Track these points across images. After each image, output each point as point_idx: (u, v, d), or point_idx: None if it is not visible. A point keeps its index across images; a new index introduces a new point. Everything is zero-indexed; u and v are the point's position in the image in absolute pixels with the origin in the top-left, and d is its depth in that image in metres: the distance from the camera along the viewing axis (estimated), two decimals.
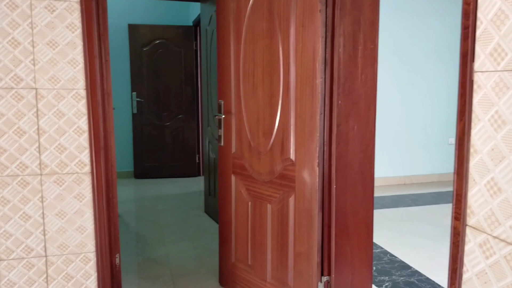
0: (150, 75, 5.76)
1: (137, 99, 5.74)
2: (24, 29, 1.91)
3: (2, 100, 1.92)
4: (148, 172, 5.94)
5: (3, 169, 1.96)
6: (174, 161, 5.99)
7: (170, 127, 5.92)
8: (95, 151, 2.08)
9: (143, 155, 5.89)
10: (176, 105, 5.89)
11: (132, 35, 5.61)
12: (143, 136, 5.85)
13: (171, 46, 5.73)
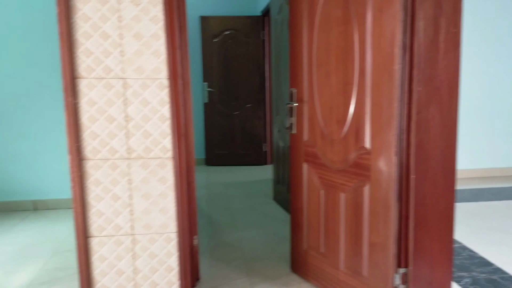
0: (220, 66, 5.91)
1: (208, 89, 5.93)
2: (113, 23, 2.05)
3: (95, 89, 2.09)
4: (218, 160, 6.13)
5: (96, 152, 2.14)
6: (242, 150, 6.12)
7: (239, 116, 6.05)
8: (177, 137, 2.19)
9: (213, 143, 6.09)
10: (244, 95, 6.00)
11: (204, 26, 5.78)
12: (214, 125, 6.04)
13: (240, 37, 5.82)
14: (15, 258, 2.97)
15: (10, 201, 4.00)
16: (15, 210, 4.01)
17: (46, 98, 3.90)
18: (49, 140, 3.97)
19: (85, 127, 2.11)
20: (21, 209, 4.01)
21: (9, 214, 3.93)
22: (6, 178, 3.96)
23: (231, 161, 6.14)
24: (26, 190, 4.02)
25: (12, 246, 3.19)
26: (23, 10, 3.79)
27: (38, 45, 3.84)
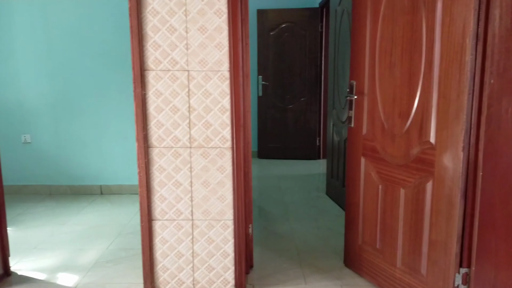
0: (275, 59, 5.92)
1: (262, 82, 5.98)
2: (179, 16, 2.14)
3: (161, 81, 2.19)
4: (271, 153, 6.18)
5: (160, 141, 2.24)
6: (295, 143, 6.12)
7: (293, 110, 6.05)
8: (236, 128, 2.25)
9: (266, 136, 6.14)
10: (299, 88, 5.98)
11: (260, 19, 5.82)
12: (267, 118, 6.09)
13: (296, 29, 5.80)
14: (84, 237, 3.19)
15: (81, 185, 4.29)
16: (84, 194, 4.29)
17: (115, 89, 4.12)
18: (116, 129, 4.20)
19: (151, 116, 2.22)
20: (89, 192, 4.29)
21: (79, 197, 4.21)
22: (78, 164, 4.25)
23: (283, 154, 6.16)
24: (94, 175, 4.28)
25: (81, 226, 3.43)
26: (94, 5, 4.02)
27: (108, 39, 4.06)
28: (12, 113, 4.14)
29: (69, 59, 4.09)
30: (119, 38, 4.03)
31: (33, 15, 4.02)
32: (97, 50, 4.08)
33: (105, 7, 4.01)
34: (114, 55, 4.08)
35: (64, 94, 4.14)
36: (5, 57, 4.06)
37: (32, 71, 4.10)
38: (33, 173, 4.26)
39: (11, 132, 4.18)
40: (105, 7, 4.02)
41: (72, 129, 4.19)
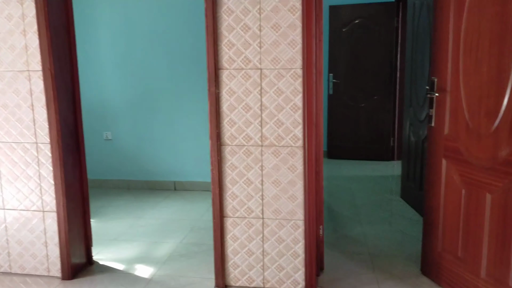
0: (347, 56, 5.77)
1: (333, 80, 5.85)
2: (253, 15, 2.14)
3: (234, 79, 2.21)
4: (341, 153, 6.03)
5: (233, 139, 2.27)
6: (367, 143, 5.92)
7: (365, 108, 5.85)
8: (308, 126, 2.21)
9: (336, 135, 6.01)
10: (371, 86, 5.77)
11: (333, 16, 5.70)
12: (338, 117, 5.95)
13: (370, 25, 5.60)
14: (159, 231, 3.34)
15: (156, 181, 4.50)
16: (159, 189, 4.50)
17: (189, 88, 4.27)
18: (190, 127, 4.35)
19: (224, 115, 2.25)
20: (164, 188, 4.49)
21: (155, 192, 4.42)
22: (153, 160, 4.47)
23: (355, 155, 5.98)
24: (169, 172, 4.48)
25: (157, 220, 3.59)
26: (171, 7, 4.19)
27: (184, 40, 4.21)
28: (95, 111, 4.46)
29: (147, 59, 4.31)
30: (194, 38, 4.17)
31: (114, 19, 4.29)
32: (173, 50, 4.25)
33: (181, 8, 4.17)
34: (189, 55, 4.22)
35: (142, 93, 4.37)
36: (90, 59, 4.37)
37: (113, 71, 4.38)
38: (114, 168, 4.55)
39: (94, 130, 4.49)
40: (181, 9, 4.17)
41: (148, 127, 4.41)
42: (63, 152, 2.36)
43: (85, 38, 4.33)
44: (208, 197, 4.16)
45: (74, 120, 2.50)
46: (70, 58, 2.46)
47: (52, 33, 2.27)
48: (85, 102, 4.45)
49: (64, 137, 2.37)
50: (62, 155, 2.35)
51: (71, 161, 2.45)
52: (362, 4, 5.61)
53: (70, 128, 2.44)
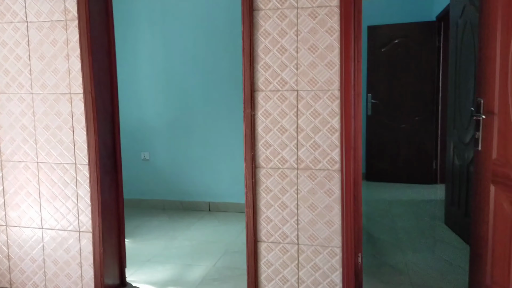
0: (387, 76, 5.65)
1: (372, 100, 5.73)
2: (290, 37, 2.12)
3: (270, 101, 2.18)
4: (380, 175, 5.84)
5: (268, 161, 2.23)
6: (408, 166, 5.71)
7: (405, 130, 5.67)
8: (346, 149, 2.14)
9: (375, 157, 5.84)
10: (412, 107, 5.60)
11: (371, 36, 5.62)
12: (377, 138, 5.79)
13: (410, 45, 5.47)
14: (192, 253, 3.31)
15: (191, 201, 4.51)
16: (194, 210, 4.50)
17: (225, 109, 4.30)
18: (225, 148, 4.35)
19: (260, 137, 2.22)
20: (198, 209, 4.49)
21: (189, 213, 4.43)
22: (189, 180, 4.49)
23: (395, 177, 5.78)
24: (203, 192, 4.48)
25: (190, 242, 3.57)
26: (209, 29, 4.27)
27: (221, 61, 4.26)
28: (134, 131, 4.56)
29: (184, 80, 4.38)
30: (231, 59, 4.20)
31: (154, 40, 4.41)
32: (210, 71, 4.30)
33: (219, 30, 4.23)
34: (226, 76, 4.26)
35: (179, 113, 4.43)
36: (130, 80, 4.50)
37: (152, 92, 4.48)
38: (150, 188, 4.60)
39: (132, 150, 4.58)
40: (219, 30, 4.23)
41: (184, 147, 4.45)
42: (101, 173, 2.39)
43: (125, 59, 4.47)
44: (242, 219, 4.10)
45: (113, 141, 2.54)
46: (111, 81, 2.52)
47: (93, 57, 2.33)
48: (125, 122, 4.57)
49: (102, 158, 2.41)
50: (100, 176, 2.38)
51: (108, 181, 2.48)
52: (401, 24, 5.51)
53: (108, 149, 2.49)
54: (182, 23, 4.32)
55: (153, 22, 4.39)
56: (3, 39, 2.40)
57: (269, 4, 2.11)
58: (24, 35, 2.37)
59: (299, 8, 2.09)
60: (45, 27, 2.34)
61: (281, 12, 2.11)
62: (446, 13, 4.77)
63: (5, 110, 2.45)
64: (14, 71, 2.41)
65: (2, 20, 2.38)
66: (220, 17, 4.21)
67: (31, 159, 2.45)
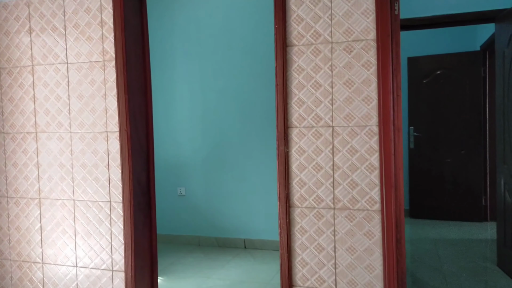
0: (429, 108, 5.45)
1: (414, 133, 5.52)
2: (325, 72, 2.06)
3: (304, 138, 2.11)
4: (425, 212, 5.54)
5: (302, 200, 2.13)
6: (454, 202, 5.38)
7: (450, 164, 5.38)
8: (386, 188, 2.01)
9: (419, 193, 5.56)
10: (457, 140, 5.33)
11: (412, 68, 5.48)
12: (420, 172, 5.53)
13: (453, 75, 5.28)
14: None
15: (226, 238, 4.43)
16: (229, 247, 4.40)
17: (260, 145, 4.26)
18: (260, 184, 4.28)
19: (294, 175, 2.13)
20: (233, 246, 4.39)
21: (225, 250, 4.33)
22: (224, 216, 4.43)
23: (441, 214, 5.45)
24: (239, 229, 4.39)
25: (224, 281, 3.46)
26: (245, 67, 4.30)
27: (256, 97, 4.27)
28: (171, 167, 4.59)
29: (220, 116, 4.40)
30: (267, 95, 4.20)
31: (191, 76, 4.49)
32: (246, 107, 4.31)
33: (255, 66, 4.26)
34: (262, 111, 4.24)
35: (215, 149, 4.43)
36: (167, 116, 4.58)
37: (188, 128, 4.52)
38: (185, 224, 4.57)
39: (169, 185, 4.60)
40: (255, 66, 4.26)
41: (220, 183, 4.42)
42: (134, 210, 2.38)
43: (162, 95, 4.57)
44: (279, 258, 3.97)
45: (147, 178, 2.53)
46: (146, 119, 2.55)
47: (130, 96, 2.37)
48: (161, 157, 4.62)
49: (136, 196, 2.40)
50: (133, 213, 2.37)
51: (142, 219, 2.46)
52: (443, 55, 5.35)
53: (142, 186, 2.48)
54: (219, 59, 4.39)
55: (190, 58, 4.49)
56: (44, 80, 2.50)
57: (302, 40, 2.08)
58: (64, 76, 2.46)
59: (334, 42, 2.03)
60: (84, 67, 2.41)
61: (315, 47, 2.06)
62: (491, 43, 4.59)
63: (44, 149, 2.52)
64: (54, 110, 2.49)
65: (45, 62, 2.49)
66: (257, 52, 4.24)
67: (68, 196, 2.48)
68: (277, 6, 2.09)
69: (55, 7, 2.45)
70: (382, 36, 1.95)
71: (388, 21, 1.94)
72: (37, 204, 2.54)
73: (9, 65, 2.55)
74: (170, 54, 4.56)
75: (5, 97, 2.57)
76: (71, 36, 2.43)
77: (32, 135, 2.53)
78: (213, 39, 4.41)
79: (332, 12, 2.04)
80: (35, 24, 2.49)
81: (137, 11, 2.49)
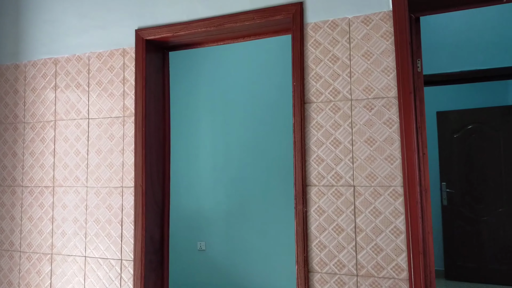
0: (461, 164, 5.20)
1: (447, 189, 5.24)
2: (344, 129, 1.98)
3: (324, 197, 1.99)
4: (463, 274, 5.13)
5: (322, 266, 1.97)
6: (495, 264, 4.97)
7: (488, 222, 5.03)
8: (413, 255, 1.83)
9: (455, 253, 5.18)
10: (494, 197, 5.02)
11: (441, 122, 5.32)
12: (455, 231, 5.19)
13: (486, 130, 5.07)
14: None
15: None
16: None
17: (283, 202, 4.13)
18: (283, 240, 4.10)
19: (313, 236, 2.00)
20: None
21: None
22: (245, 273, 4.23)
23: (481, 277, 5.03)
24: (259, 286, 4.17)
25: None
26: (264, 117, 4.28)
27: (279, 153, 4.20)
28: (191, 220, 4.49)
29: (242, 171, 4.33)
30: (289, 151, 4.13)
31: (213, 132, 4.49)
32: (268, 163, 4.23)
33: (279, 121, 4.23)
34: (283, 168, 4.15)
35: (237, 204, 4.32)
36: (190, 168, 4.55)
37: (210, 181, 4.46)
38: (206, 281, 4.39)
39: (188, 239, 4.48)
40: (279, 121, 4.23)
41: (242, 238, 4.27)
42: (145, 270, 2.27)
43: (184, 148, 4.57)
44: None
45: (161, 235, 2.45)
46: (163, 174, 2.50)
47: (147, 151, 2.35)
48: (182, 211, 4.55)
49: (148, 254, 2.30)
50: (144, 273, 2.26)
51: (153, 279, 2.35)
52: (473, 109, 5.18)
53: (155, 244, 2.39)
54: (242, 113, 4.39)
55: (214, 111, 4.52)
56: (65, 135, 2.52)
57: (321, 97, 2.02)
58: (84, 131, 2.48)
59: (353, 100, 1.96)
60: (105, 123, 2.43)
61: (334, 104, 2.00)
62: None
63: (60, 203, 2.50)
64: (72, 164, 2.49)
65: (67, 117, 2.52)
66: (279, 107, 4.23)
67: (79, 252, 2.41)
68: (295, 63, 2.06)
69: (80, 65, 2.52)
70: (404, 93, 1.86)
71: (410, 78, 1.86)
72: (49, 260, 2.48)
73: (33, 120, 2.61)
74: (194, 106, 4.62)
75: (26, 151, 2.61)
76: (94, 93, 2.47)
77: (50, 189, 2.53)
78: (237, 93, 4.44)
79: (351, 70, 1.98)
80: (60, 81, 2.56)
81: (159, 68, 2.53)
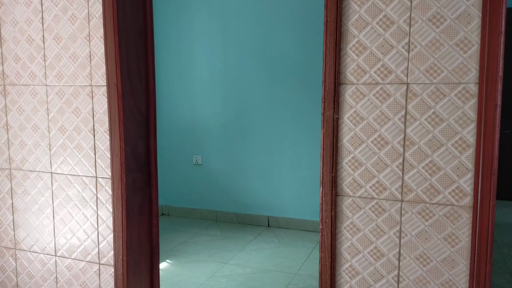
0: None
1: None
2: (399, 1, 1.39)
3: (364, 99, 1.47)
4: None
5: (356, 188, 1.52)
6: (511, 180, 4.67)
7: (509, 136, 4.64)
8: (483, 175, 1.38)
9: None
10: None
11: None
12: None
13: None
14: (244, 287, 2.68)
15: (247, 214, 3.89)
16: (250, 224, 3.87)
17: (290, 109, 3.61)
18: (289, 156, 3.67)
19: (345, 151, 1.51)
20: (255, 223, 3.86)
21: (245, 228, 3.79)
22: (245, 190, 3.87)
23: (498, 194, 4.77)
24: (262, 205, 3.83)
25: (244, 269, 2.92)
26: (270, 13, 3.60)
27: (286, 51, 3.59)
28: (186, 133, 4.01)
29: (244, 76, 3.75)
30: (299, 51, 3.51)
31: (211, 30, 3.82)
32: (273, 66, 3.64)
33: (285, 14, 3.55)
34: (292, 70, 3.57)
35: (237, 113, 3.81)
36: (184, 76, 3.96)
37: (207, 89, 3.90)
38: (202, 197, 4.04)
39: (183, 152, 4.05)
40: (285, 15, 3.55)
41: (242, 153, 3.83)
42: (127, 190, 1.81)
43: (179, 52, 3.93)
44: (307, 240, 3.43)
45: (147, 149, 1.95)
46: (146, 72, 1.92)
47: (122, 38, 1.75)
48: (177, 122, 4.04)
49: (130, 171, 1.82)
50: (126, 194, 1.81)
51: (138, 201, 1.90)
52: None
53: (139, 159, 1.90)
54: (243, 10, 3.69)
55: (211, 11, 3.80)
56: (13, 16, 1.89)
57: None
58: (37, 10, 1.84)
59: None
60: None
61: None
62: None
63: (15, 106, 1.95)
64: (26, 56, 1.89)
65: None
66: None
67: (44, 168, 1.93)
68: None
69: None
70: None
71: None
72: (8, 176, 2.00)
73: None
74: (189, 4, 3.87)
75: None
76: None
77: (0, 87, 1.96)
78: None
79: None
80: None
81: None
